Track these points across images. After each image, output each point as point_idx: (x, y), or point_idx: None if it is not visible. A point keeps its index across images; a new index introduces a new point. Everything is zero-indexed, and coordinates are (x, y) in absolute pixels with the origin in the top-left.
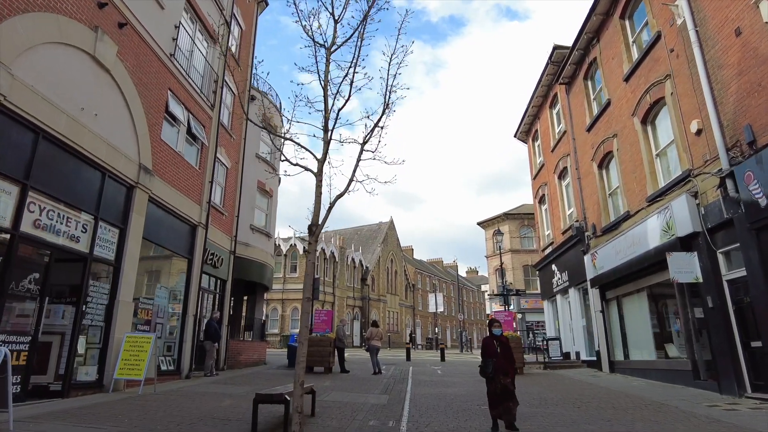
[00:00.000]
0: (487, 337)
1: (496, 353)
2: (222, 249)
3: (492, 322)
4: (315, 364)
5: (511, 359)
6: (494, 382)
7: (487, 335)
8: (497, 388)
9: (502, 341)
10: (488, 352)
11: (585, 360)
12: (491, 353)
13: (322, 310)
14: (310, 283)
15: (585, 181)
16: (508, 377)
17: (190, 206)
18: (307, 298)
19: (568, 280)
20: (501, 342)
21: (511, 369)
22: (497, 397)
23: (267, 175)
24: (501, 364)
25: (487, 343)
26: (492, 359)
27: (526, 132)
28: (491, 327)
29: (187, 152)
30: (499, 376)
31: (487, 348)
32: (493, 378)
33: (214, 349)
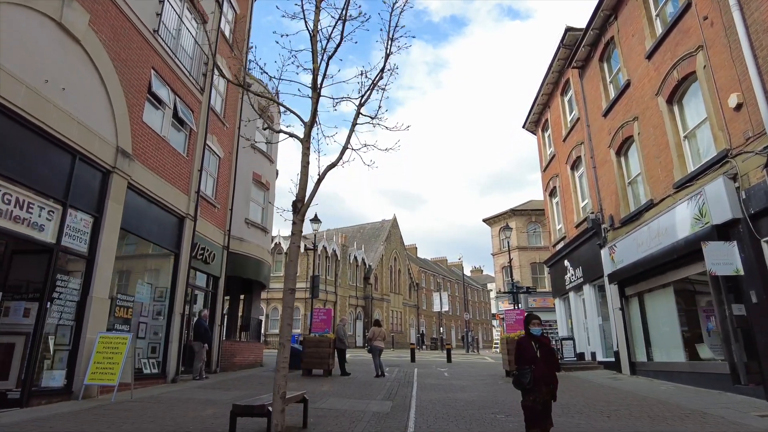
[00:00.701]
0: (522, 338)
1: (536, 358)
2: (214, 244)
3: (530, 318)
4: (313, 367)
5: (554, 365)
6: (535, 395)
7: (522, 335)
8: (538, 402)
9: (543, 342)
10: (525, 356)
11: (601, 361)
12: (529, 358)
13: (321, 309)
14: (294, 271)
15: (601, 170)
16: (551, 390)
17: (177, 196)
18: (289, 290)
19: (582, 276)
20: (542, 344)
21: (554, 379)
22: (537, 415)
23: (263, 167)
24: (543, 373)
25: (524, 346)
26: (530, 367)
27: (535, 122)
28: (529, 324)
29: (174, 138)
30: (541, 387)
31: (523, 352)
32: (532, 390)
33: (203, 350)
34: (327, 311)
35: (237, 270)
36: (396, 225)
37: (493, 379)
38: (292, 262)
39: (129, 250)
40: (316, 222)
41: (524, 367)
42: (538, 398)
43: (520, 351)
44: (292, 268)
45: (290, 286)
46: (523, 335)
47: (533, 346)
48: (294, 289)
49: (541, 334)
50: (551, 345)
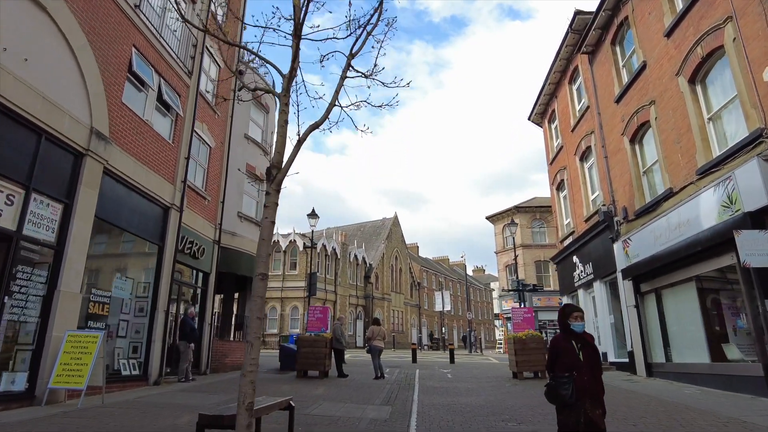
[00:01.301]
0: (559, 337)
1: (578, 363)
2: (204, 237)
3: (569, 311)
4: (309, 368)
5: (599, 372)
6: (577, 412)
7: (557, 334)
8: (579, 420)
9: (587, 342)
10: (564, 361)
11: (613, 362)
12: (569, 363)
13: (317, 307)
14: (266, 252)
15: (613, 159)
16: (598, 406)
17: (161, 184)
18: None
19: (592, 272)
20: (584, 343)
21: (600, 390)
22: None
23: (257, 158)
24: (588, 382)
25: (561, 347)
26: (571, 375)
27: (541, 113)
28: (567, 318)
29: (158, 122)
30: (586, 401)
31: (561, 354)
32: (573, 405)
33: (189, 350)
34: (323, 309)
35: (229, 266)
36: (397, 223)
37: (500, 382)
38: (264, 241)
39: (106, 242)
40: (313, 217)
41: (562, 374)
42: (581, 416)
43: (555, 353)
44: (264, 249)
45: (261, 270)
46: (559, 333)
47: (574, 347)
48: (266, 275)
49: (584, 332)
50: (593, 343)
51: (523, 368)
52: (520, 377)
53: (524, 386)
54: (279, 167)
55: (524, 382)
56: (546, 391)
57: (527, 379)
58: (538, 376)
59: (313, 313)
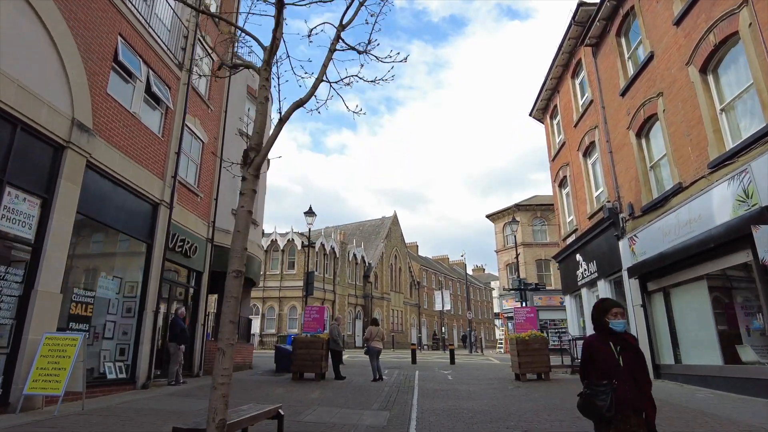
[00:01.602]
0: (593, 338)
1: (617, 369)
2: (196, 236)
3: (606, 305)
4: (305, 370)
5: (646, 380)
6: (618, 429)
7: (591, 334)
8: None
9: (629, 344)
10: (601, 366)
11: None
12: (607, 369)
13: (313, 307)
14: (240, 246)
15: (618, 154)
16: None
17: (150, 180)
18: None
19: (596, 270)
20: (625, 346)
21: (649, 405)
22: None
23: None
24: (630, 392)
25: (597, 349)
26: (610, 383)
27: (543, 109)
28: (604, 315)
29: (147, 115)
30: (629, 415)
31: (596, 358)
32: (612, 420)
33: (179, 352)
34: (320, 309)
35: (224, 265)
36: (396, 222)
37: (502, 384)
38: (239, 233)
39: (90, 239)
40: (310, 215)
41: (599, 382)
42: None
43: (589, 357)
44: (239, 242)
45: (236, 267)
46: (593, 334)
47: (612, 350)
48: (241, 272)
49: (625, 331)
50: (636, 344)
51: (526, 370)
52: (523, 379)
53: (528, 389)
54: (257, 149)
55: (528, 385)
56: (579, 402)
57: (530, 381)
58: (542, 377)
59: (309, 313)
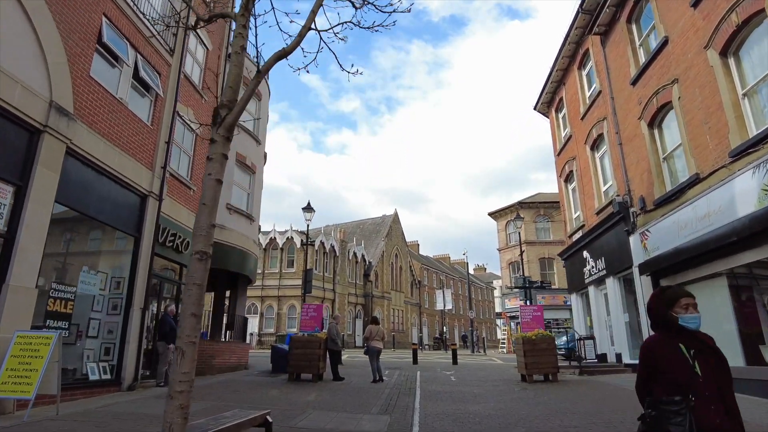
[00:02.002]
0: (655, 339)
1: (694, 379)
2: (188, 230)
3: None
4: (302, 371)
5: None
6: None
7: (653, 336)
8: None
9: (707, 345)
10: (669, 376)
11: (629, 363)
12: (682, 380)
13: (311, 305)
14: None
15: (629, 146)
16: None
17: (137, 170)
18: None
19: (605, 267)
20: (703, 347)
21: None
22: None
23: (248, 147)
24: (713, 414)
25: (662, 355)
26: (686, 399)
27: (548, 102)
28: (671, 307)
29: (135, 102)
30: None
31: (664, 366)
32: None
33: (169, 351)
34: (317, 307)
35: (218, 261)
36: (397, 220)
37: (508, 385)
38: (205, 207)
39: (72, 231)
40: (309, 211)
41: (670, 399)
42: None
43: (652, 364)
44: (205, 218)
45: (200, 247)
46: (654, 335)
47: (685, 355)
48: (206, 254)
49: (697, 330)
50: (716, 346)
51: (532, 371)
52: (530, 380)
53: (536, 391)
54: (230, 107)
55: (535, 386)
56: (643, 429)
57: (537, 383)
58: (548, 379)
59: (306, 312)
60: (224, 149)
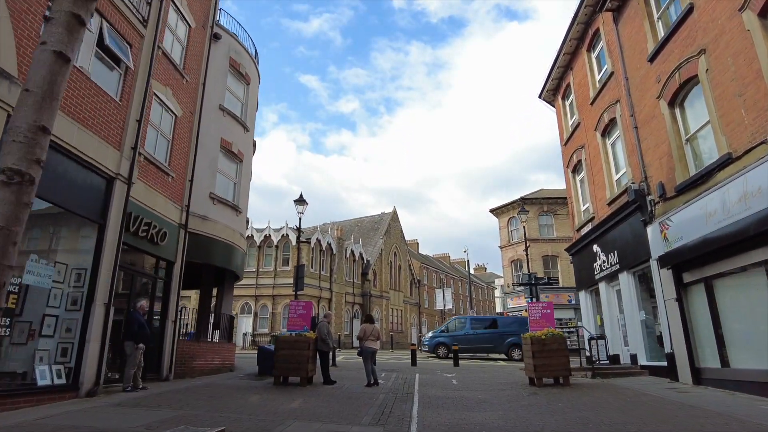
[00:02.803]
0: None
1: None
2: (166, 220)
3: None
4: (288, 373)
5: None
6: None
7: None
8: None
9: None
10: None
11: (645, 365)
12: None
13: (299, 302)
14: (31, 122)
15: (646, 129)
16: None
17: (102, 149)
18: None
19: (617, 262)
20: None
21: None
22: None
23: (235, 134)
24: None
25: None
26: None
27: (554, 90)
28: None
29: (101, 74)
30: None
31: None
32: None
33: (138, 352)
34: (307, 304)
35: (200, 255)
36: (396, 218)
37: (516, 390)
38: (30, 95)
39: None
40: (301, 203)
41: None
42: None
43: None
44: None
45: (11, 163)
46: None
47: None
48: (19, 173)
49: None
50: None
51: (542, 373)
52: (539, 384)
53: (547, 396)
54: None
55: (546, 391)
56: None
57: (548, 387)
58: (559, 382)
59: (294, 309)
60: (76, 6)
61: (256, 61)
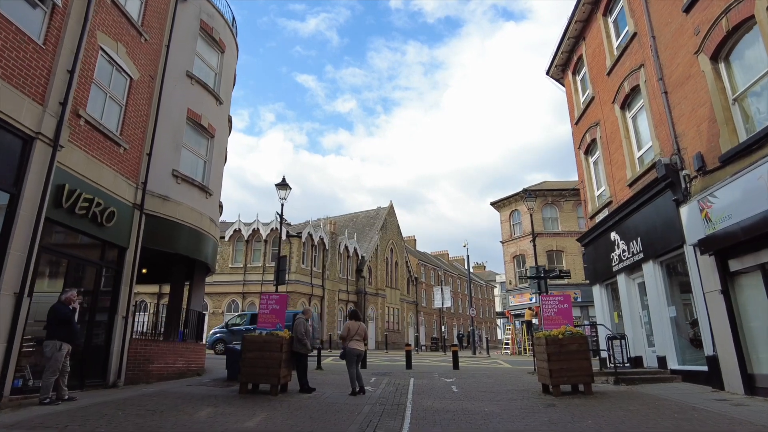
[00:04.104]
0: None
1: None
2: (114, 197)
3: None
4: (257, 380)
5: None
6: None
7: None
8: None
9: None
10: None
11: (677, 370)
12: None
13: (271, 294)
14: None
15: (679, 93)
16: None
17: (15, 101)
18: None
19: (641, 250)
20: None
21: None
22: None
23: (205, 105)
24: None
25: None
26: None
27: (563, 65)
28: None
29: (14, 7)
30: None
31: None
32: None
33: (60, 354)
34: (281, 298)
35: (160, 241)
36: (392, 212)
37: (528, 399)
38: None
39: None
40: (283, 188)
41: None
42: None
43: None
44: None
45: None
46: None
47: None
48: None
49: None
50: None
51: (559, 380)
52: (556, 393)
53: (569, 410)
54: None
55: (565, 402)
56: None
57: (566, 396)
58: (579, 390)
59: (266, 304)
60: None
61: (233, 29)
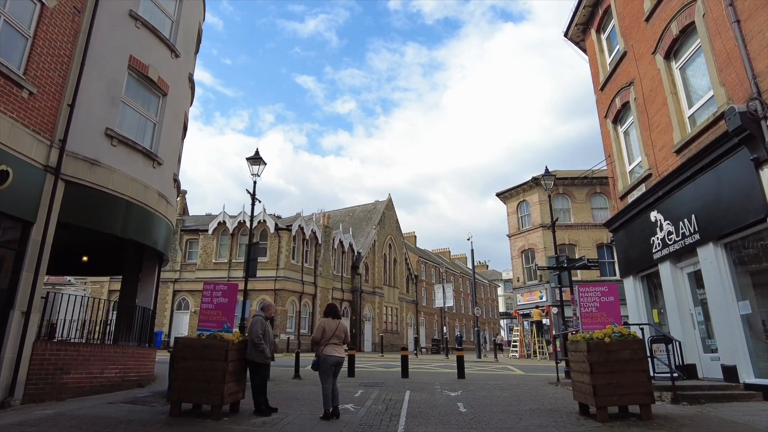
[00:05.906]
0: None
1: None
2: (12, 155)
3: None
4: (195, 398)
5: None
6: None
7: None
8: None
9: None
10: None
11: (754, 384)
12: None
13: (216, 284)
14: None
15: (757, 19)
16: None
17: None
18: None
19: (696, 231)
20: None
21: None
22: None
23: (154, 55)
24: None
25: None
26: None
27: (584, 23)
28: None
29: None
30: None
31: None
32: None
33: None
34: (229, 288)
35: (87, 217)
36: (391, 206)
37: (562, 425)
38: None
39: None
40: (256, 163)
41: None
42: None
43: None
44: None
45: None
46: None
47: None
48: None
49: None
50: None
51: (607, 399)
52: (602, 417)
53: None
54: None
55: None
56: None
57: (617, 421)
58: (631, 412)
59: (210, 296)
60: None
61: None
